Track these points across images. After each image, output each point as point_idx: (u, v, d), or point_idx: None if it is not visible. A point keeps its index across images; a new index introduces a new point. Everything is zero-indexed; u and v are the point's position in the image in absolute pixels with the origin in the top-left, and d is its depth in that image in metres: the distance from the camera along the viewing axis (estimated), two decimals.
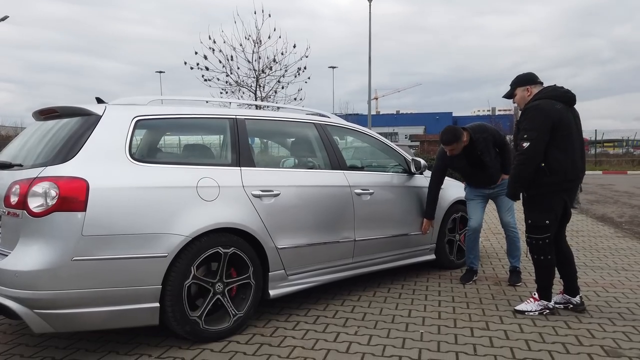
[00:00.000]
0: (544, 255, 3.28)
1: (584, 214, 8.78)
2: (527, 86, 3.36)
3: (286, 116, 3.65)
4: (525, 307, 3.36)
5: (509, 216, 4.19)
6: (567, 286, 3.45)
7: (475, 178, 4.21)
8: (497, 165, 4.11)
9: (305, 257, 3.41)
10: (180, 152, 3.22)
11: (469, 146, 4.04)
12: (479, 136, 4.02)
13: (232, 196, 3.03)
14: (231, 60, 13.62)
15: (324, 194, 3.53)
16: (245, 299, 3.09)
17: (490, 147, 4.07)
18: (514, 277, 4.18)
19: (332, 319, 3.33)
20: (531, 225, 3.28)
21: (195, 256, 2.82)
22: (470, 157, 4.07)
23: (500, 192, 4.12)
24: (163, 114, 3.02)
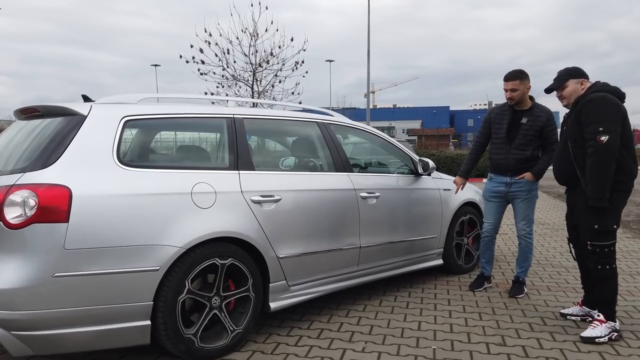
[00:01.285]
0: (609, 265, 2.93)
1: None
2: (582, 79, 3.05)
3: (287, 115, 3.41)
4: (593, 333, 2.91)
5: (525, 223, 3.87)
6: (588, 298, 3.24)
7: (499, 153, 3.80)
8: (527, 154, 3.72)
9: (308, 266, 3.19)
10: (173, 155, 2.98)
11: (523, 112, 3.73)
12: (538, 111, 3.72)
13: (229, 203, 2.80)
14: (227, 53, 13.39)
15: (327, 198, 3.31)
16: (244, 313, 2.87)
17: (535, 130, 3.69)
18: (516, 288, 3.89)
19: (337, 332, 3.12)
20: (597, 231, 2.90)
21: (190, 269, 2.59)
22: (512, 124, 3.74)
23: (519, 194, 3.80)
24: (154, 113, 2.77)
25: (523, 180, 3.77)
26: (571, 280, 4.30)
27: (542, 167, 3.78)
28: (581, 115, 2.91)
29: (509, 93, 3.70)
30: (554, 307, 3.58)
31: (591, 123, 2.85)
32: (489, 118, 3.92)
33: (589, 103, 2.89)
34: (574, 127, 2.98)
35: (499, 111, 3.87)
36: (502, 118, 3.81)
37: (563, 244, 5.87)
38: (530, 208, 3.84)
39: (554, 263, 4.91)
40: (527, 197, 3.81)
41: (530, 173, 3.75)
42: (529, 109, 3.74)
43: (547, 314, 3.42)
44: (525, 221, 3.87)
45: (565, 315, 3.32)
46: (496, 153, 3.85)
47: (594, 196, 2.84)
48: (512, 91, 3.68)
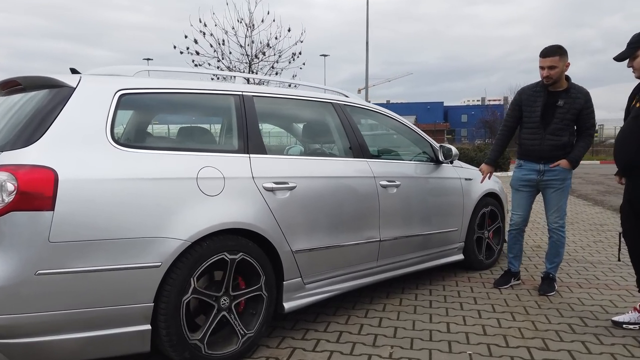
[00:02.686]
0: None
1: (600, 206, 8.33)
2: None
3: (300, 94, 3.07)
4: None
5: (558, 216, 3.52)
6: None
7: (532, 139, 3.48)
8: (564, 139, 3.41)
9: (324, 261, 2.86)
10: (175, 136, 2.64)
11: (559, 93, 3.39)
12: (575, 92, 3.38)
13: (239, 190, 2.46)
14: (223, 44, 13.02)
15: (346, 186, 2.97)
16: (255, 315, 2.54)
17: (572, 114, 3.38)
18: (547, 285, 3.57)
19: (357, 335, 2.79)
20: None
21: (196, 265, 2.25)
22: (547, 107, 3.41)
23: (552, 183, 3.47)
24: (154, 87, 2.42)
25: (558, 168, 3.44)
26: (601, 276, 4.01)
27: (579, 154, 3.47)
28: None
29: (547, 71, 3.33)
30: (591, 305, 3.28)
31: None
32: (520, 100, 3.57)
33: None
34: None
35: (531, 92, 3.52)
36: (535, 100, 3.47)
37: (582, 238, 5.58)
38: (563, 199, 3.52)
39: (578, 258, 4.62)
40: (561, 187, 3.48)
41: (567, 160, 3.42)
42: (565, 89, 3.39)
43: (585, 314, 3.12)
44: (558, 213, 3.53)
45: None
46: (529, 139, 3.52)
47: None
48: (550, 69, 3.32)
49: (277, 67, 13.93)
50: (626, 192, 2.82)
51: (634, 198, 2.74)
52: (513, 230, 3.69)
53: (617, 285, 3.72)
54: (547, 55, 3.33)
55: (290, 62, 13.80)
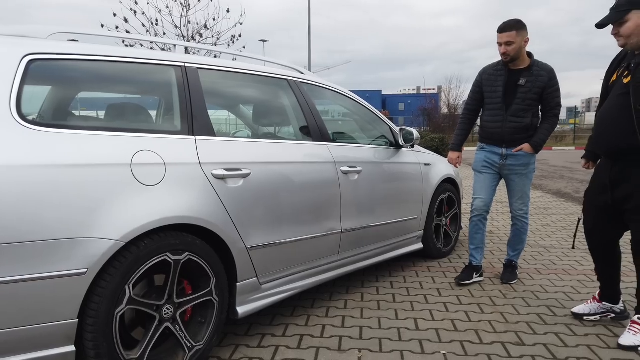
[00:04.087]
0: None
1: (541, 190, 8.55)
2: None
3: (252, 68, 2.70)
4: (635, 341, 2.36)
5: (522, 202, 3.38)
6: (607, 293, 2.67)
7: (494, 121, 3.29)
8: (526, 121, 3.21)
9: (283, 258, 2.54)
10: (103, 114, 2.20)
11: (521, 71, 3.19)
12: (537, 69, 3.17)
13: (184, 178, 2.08)
14: (156, 24, 12.21)
15: (305, 173, 2.66)
16: (205, 323, 2.18)
17: (535, 92, 3.17)
18: (510, 273, 3.46)
19: (320, 339, 2.51)
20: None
21: (132, 270, 1.86)
22: (509, 87, 3.21)
23: (515, 168, 3.29)
24: (74, 53, 1.97)
25: (520, 153, 3.26)
26: (556, 261, 3.97)
27: (543, 138, 3.26)
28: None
29: (504, 47, 3.14)
30: (554, 292, 3.19)
31: None
32: (480, 80, 3.37)
33: None
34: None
35: (491, 72, 3.32)
36: (496, 79, 3.28)
37: (531, 223, 5.60)
38: (527, 185, 3.36)
39: (531, 243, 4.58)
40: (525, 173, 3.31)
41: (529, 145, 3.24)
42: (527, 67, 3.20)
43: (550, 302, 3.01)
44: (522, 200, 3.38)
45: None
46: (490, 121, 3.33)
47: None
48: (507, 45, 3.12)
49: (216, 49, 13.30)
50: (605, 178, 2.45)
51: (617, 182, 2.40)
52: (475, 217, 3.43)
53: (575, 270, 3.69)
54: (504, 31, 3.13)
55: (229, 45, 13.24)
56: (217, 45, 12.92)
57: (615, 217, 2.45)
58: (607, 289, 2.66)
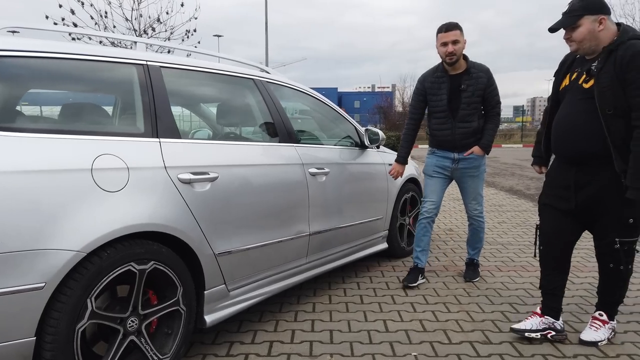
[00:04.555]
0: (631, 264, 2.36)
1: (494, 187, 8.83)
2: (602, 15, 2.21)
3: (217, 67, 2.60)
4: (597, 336, 2.40)
5: (476, 203, 3.43)
6: (551, 305, 2.51)
7: (443, 129, 3.29)
8: (474, 125, 3.24)
9: (251, 262, 2.47)
10: (60, 115, 2.05)
11: (460, 76, 3.19)
12: (475, 71, 3.19)
13: (148, 183, 1.97)
14: (105, 17, 11.72)
15: (273, 175, 2.60)
16: (172, 335, 2.09)
17: (478, 95, 3.19)
18: (472, 271, 3.51)
19: (290, 344, 2.46)
20: (633, 226, 2.27)
21: (94, 282, 1.75)
22: (453, 91, 3.20)
23: (468, 171, 3.33)
24: (25, 50, 1.82)
25: (472, 156, 3.30)
26: (514, 257, 4.09)
27: (491, 138, 3.32)
28: (628, 71, 2.11)
29: (451, 46, 3.07)
30: (515, 290, 3.28)
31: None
32: (423, 88, 3.31)
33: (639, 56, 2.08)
34: (613, 86, 2.15)
35: (433, 79, 3.26)
36: (439, 86, 3.24)
37: (487, 220, 5.75)
38: (480, 185, 3.43)
39: (489, 240, 4.71)
40: (477, 174, 3.37)
41: (479, 147, 3.28)
42: (465, 71, 3.18)
43: (512, 299, 3.10)
44: (476, 200, 3.44)
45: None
46: (439, 129, 3.32)
47: None
48: (453, 43, 3.06)
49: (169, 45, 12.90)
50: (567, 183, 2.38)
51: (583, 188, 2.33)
52: (424, 220, 3.39)
53: (532, 267, 3.81)
54: (450, 29, 3.09)
55: (184, 39, 12.89)
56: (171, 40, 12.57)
57: (576, 221, 2.43)
58: (552, 302, 2.51)
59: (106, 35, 3.15)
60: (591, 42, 2.24)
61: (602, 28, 2.21)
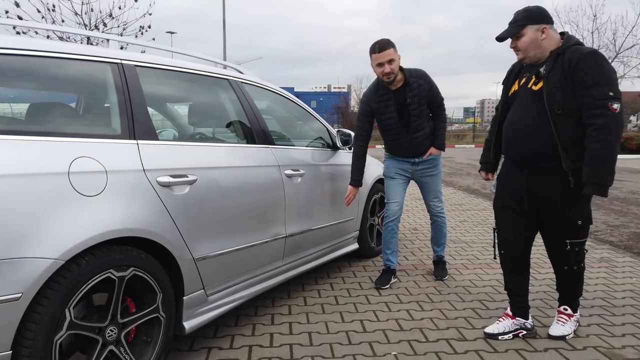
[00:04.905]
0: (583, 262, 2.44)
1: (452, 187, 9.08)
2: (544, 25, 2.31)
3: (192, 67, 2.54)
4: (564, 330, 2.49)
5: (437, 200, 3.53)
6: (519, 304, 2.59)
7: (399, 142, 3.34)
8: (426, 130, 3.33)
9: (229, 267, 2.43)
10: (31, 115, 1.94)
11: (402, 90, 3.20)
12: (414, 80, 3.19)
13: (127, 186, 1.90)
14: (53, 10, 11.19)
15: (251, 177, 2.56)
16: (151, 343, 2.03)
17: (424, 102, 3.25)
18: (441, 269, 3.60)
19: (270, 348, 2.44)
20: (581, 227, 2.33)
21: (72, 290, 1.67)
22: (400, 106, 3.23)
23: (427, 171, 3.43)
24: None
25: (430, 157, 3.41)
26: (479, 255, 4.23)
27: (444, 137, 3.45)
28: (575, 72, 2.20)
29: (387, 67, 3.06)
30: (483, 287, 3.38)
31: (595, 85, 2.16)
32: (370, 109, 3.30)
33: (587, 59, 2.19)
34: (562, 87, 2.23)
35: (378, 99, 3.27)
36: (385, 104, 3.25)
37: (449, 219, 5.92)
38: (439, 183, 3.54)
39: (453, 238, 4.84)
40: (435, 172, 3.49)
41: (435, 148, 3.40)
42: (405, 82, 3.20)
43: (481, 296, 3.20)
44: (437, 198, 3.55)
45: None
46: (396, 143, 3.39)
47: (603, 182, 2.15)
48: (389, 63, 3.07)
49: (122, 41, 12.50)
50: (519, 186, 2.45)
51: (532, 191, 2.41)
52: (390, 222, 3.41)
53: (497, 265, 3.93)
54: (383, 49, 3.07)
55: (137, 36, 12.50)
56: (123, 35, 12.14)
57: (530, 222, 2.49)
58: (519, 302, 2.59)
59: (54, 28, 3.00)
60: (535, 50, 2.35)
61: (545, 37, 2.32)
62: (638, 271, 3.74)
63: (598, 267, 3.82)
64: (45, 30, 10.89)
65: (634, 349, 2.40)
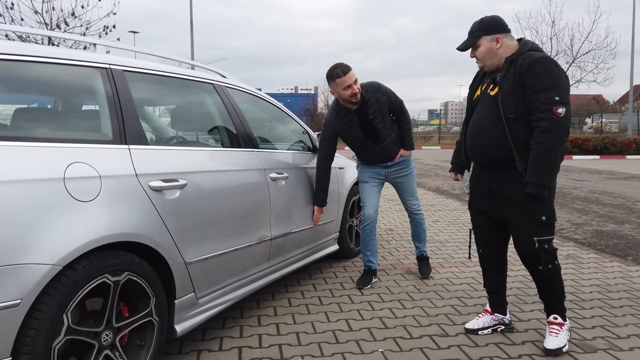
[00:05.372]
0: (556, 260, 2.43)
1: (422, 188, 9.28)
2: (497, 35, 2.43)
3: (178, 71, 2.55)
4: (559, 343, 2.42)
5: (414, 198, 3.63)
6: (497, 301, 2.70)
7: (370, 153, 3.45)
8: (393, 136, 3.42)
9: (218, 270, 2.46)
10: (23, 120, 1.91)
11: (363, 108, 3.28)
12: (371, 96, 3.26)
13: (120, 191, 1.91)
14: (12, 9, 10.84)
15: (238, 180, 2.60)
16: (144, 346, 2.04)
17: (386, 112, 3.33)
18: (425, 266, 3.69)
19: (260, 349, 2.48)
20: (546, 224, 2.37)
21: (70, 296, 1.67)
22: (364, 124, 3.31)
23: (400, 172, 3.53)
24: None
25: (401, 158, 3.52)
26: (453, 254, 4.37)
27: (411, 138, 3.55)
28: (525, 78, 2.30)
29: (355, 87, 3.15)
30: (460, 284, 3.51)
31: (543, 90, 2.25)
32: (334, 134, 3.37)
33: (536, 64, 2.28)
34: (514, 92, 2.33)
35: (342, 121, 3.33)
36: (349, 124, 3.33)
37: None
38: (413, 182, 3.64)
39: (427, 238, 4.96)
40: (408, 172, 3.58)
41: (404, 149, 3.51)
42: (364, 100, 3.26)
43: (459, 293, 3.32)
44: (413, 196, 3.65)
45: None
46: (366, 155, 3.51)
47: (541, 183, 2.27)
48: (355, 83, 3.17)
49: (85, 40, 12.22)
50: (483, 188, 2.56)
51: (494, 191, 2.51)
52: (368, 226, 3.50)
53: (471, 263, 4.08)
54: (346, 72, 3.14)
55: (101, 36, 12.23)
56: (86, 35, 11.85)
57: (498, 222, 2.56)
58: (497, 298, 2.71)
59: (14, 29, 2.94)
60: (492, 59, 2.46)
61: (499, 46, 2.43)
62: (602, 267, 3.96)
63: (565, 263, 4.01)
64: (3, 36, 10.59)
65: (604, 340, 2.56)
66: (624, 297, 3.22)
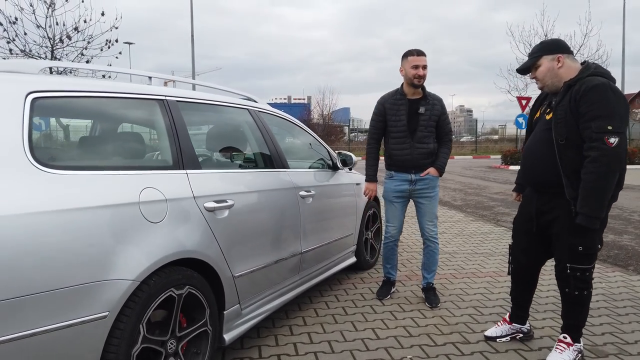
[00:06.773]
0: (587, 290, 2.44)
1: None
2: (559, 54, 2.42)
3: (219, 99, 2.76)
4: (562, 358, 2.50)
5: (432, 224, 3.55)
6: (518, 313, 2.85)
7: (402, 148, 3.44)
8: (430, 146, 3.46)
9: (259, 282, 2.66)
10: (103, 150, 2.11)
11: (419, 101, 3.42)
12: (431, 99, 3.43)
13: (182, 213, 2.11)
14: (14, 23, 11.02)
15: (275, 199, 2.81)
16: (200, 354, 2.22)
17: (433, 121, 3.44)
18: (433, 295, 3.54)
19: (297, 356, 2.66)
20: (582, 254, 2.38)
21: (145, 308, 1.86)
22: (411, 115, 3.41)
23: (424, 192, 3.50)
24: (71, 90, 1.90)
25: (428, 177, 3.48)
26: (464, 265, 4.58)
27: (445, 161, 3.54)
28: (580, 104, 2.28)
29: (421, 70, 3.31)
30: (474, 294, 3.71)
31: (596, 118, 2.22)
32: (383, 110, 3.50)
33: (592, 91, 2.25)
34: (566, 118, 2.33)
35: (392, 101, 3.47)
36: (398, 108, 3.44)
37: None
38: (435, 206, 3.57)
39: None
40: (432, 195, 3.53)
41: (435, 168, 3.48)
42: (423, 97, 3.44)
43: (474, 303, 3.52)
44: (432, 222, 3.56)
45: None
46: (398, 149, 3.48)
47: (590, 214, 2.25)
48: (424, 68, 3.33)
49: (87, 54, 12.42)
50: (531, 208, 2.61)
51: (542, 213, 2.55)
52: (390, 243, 3.64)
53: (481, 273, 4.30)
54: (421, 54, 3.30)
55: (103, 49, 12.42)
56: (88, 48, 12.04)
57: (541, 243, 2.63)
58: (520, 311, 2.83)
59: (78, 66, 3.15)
60: (552, 79, 2.47)
61: (561, 65, 2.43)
62: (606, 276, 4.18)
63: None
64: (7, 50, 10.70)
65: (613, 345, 2.77)
66: (629, 305, 3.45)
